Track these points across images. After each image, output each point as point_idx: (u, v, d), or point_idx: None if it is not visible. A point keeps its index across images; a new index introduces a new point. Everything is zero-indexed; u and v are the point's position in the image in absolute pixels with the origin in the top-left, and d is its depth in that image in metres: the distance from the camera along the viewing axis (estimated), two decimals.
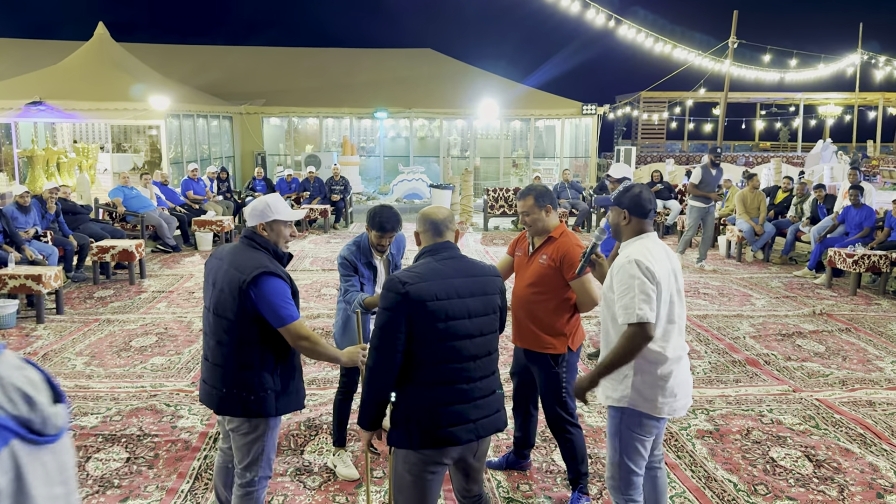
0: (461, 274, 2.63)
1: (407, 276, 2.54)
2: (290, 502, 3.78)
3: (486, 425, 2.64)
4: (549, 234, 3.59)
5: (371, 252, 3.95)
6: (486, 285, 2.68)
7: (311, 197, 13.81)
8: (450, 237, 2.74)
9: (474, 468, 2.76)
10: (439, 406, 2.55)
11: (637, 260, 2.76)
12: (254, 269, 2.83)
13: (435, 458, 2.59)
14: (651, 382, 2.85)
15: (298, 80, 20.87)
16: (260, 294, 2.82)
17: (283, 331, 2.86)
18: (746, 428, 4.76)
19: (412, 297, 2.50)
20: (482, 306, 2.63)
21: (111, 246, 8.79)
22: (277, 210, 3.01)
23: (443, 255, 2.67)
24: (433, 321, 2.52)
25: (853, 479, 4.08)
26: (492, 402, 2.67)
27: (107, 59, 16.41)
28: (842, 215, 9.61)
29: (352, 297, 3.82)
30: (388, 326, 2.52)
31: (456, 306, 2.56)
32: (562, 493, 3.88)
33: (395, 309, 2.51)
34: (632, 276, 2.73)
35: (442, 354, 2.54)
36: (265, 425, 2.97)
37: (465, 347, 2.58)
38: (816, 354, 6.33)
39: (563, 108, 19.56)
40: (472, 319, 2.60)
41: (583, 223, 13.55)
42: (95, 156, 16.66)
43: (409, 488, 2.63)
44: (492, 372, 2.69)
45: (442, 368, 2.55)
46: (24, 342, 6.47)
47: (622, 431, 2.92)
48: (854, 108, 29.28)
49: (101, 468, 4.13)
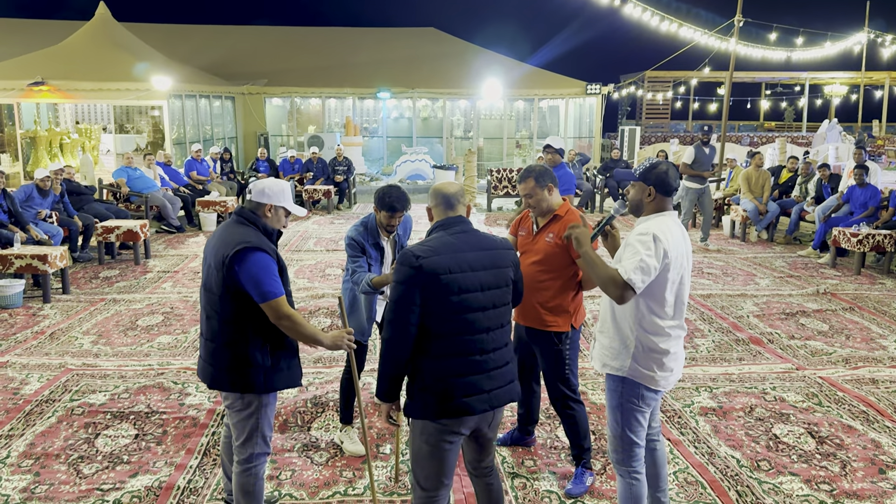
0: (474, 247, 2.65)
1: (420, 250, 2.57)
2: (297, 477, 3.83)
3: (500, 395, 2.68)
4: (555, 213, 3.59)
5: (378, 233, 3.97)
6: (499, 258, 2.70)
7: (314, 178, 13.80)
8: (461, 211, 2.76)
9: (488, 439, 2.81)
10: (454, 377, 2.59)
11: (656, 235, 2.78)
12: (237, 244, 2.83)
13: (451, 428, 2.63)
14: (651, 357, 2.88)
15: (300, 59, 20.75)
16: (243, 268, 2.82)
17: (264, 307, 2.85)
18: (750, 405, 4.79)
19: (425, 271, 2.52)
20: (494, 279, 2.66)
21: (116, 226, 8.81)
22: (289, 200, 3.06)
23: (455, 228, 2.69)
24: (447, 294, 2.55)
25: (855, 455, 4.11)
26: (505, 372, 2.71)
27: (108, 39, 16.32)
28: (846, 195, 9.59)
29: (359, 278, 3.84)
30: (402, 300, 2.55)
31: (469, 279, 2.59)
32: (566, 468, 3.92)
33: (408, 282, 2.53)
34: (646, 245, 2.76)
35: (455, 327, 2.58)
36: (258, 401, 2.98)
37: (478, 320, 2.61)
38: (820, 333, 6.34)
39: (567, 87, 19.44)
40: (485, 292, 2.63)
41: (587, 203, 13.53)
42: (98, 137, 16.66)
43: (427, 458, 2.68)
44: (504, 343, 2.72)
45: (456, 340, 2.58)
46: (31, 321, 6.51)
47: (623, 404, 2.95)
48: (860, 87, 29.07)
49: (111, 444, 4.18)
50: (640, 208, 2.96)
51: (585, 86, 19.12)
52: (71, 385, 5.03)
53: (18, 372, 5.26)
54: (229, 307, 2.89)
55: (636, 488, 2.98)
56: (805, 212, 10.46)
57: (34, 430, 4.33)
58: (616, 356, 2.93)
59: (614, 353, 2.94)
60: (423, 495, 2.73)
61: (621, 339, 2.92)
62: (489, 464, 2.90)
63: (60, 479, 3.78)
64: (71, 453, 4.06)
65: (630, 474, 2.98)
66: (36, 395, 4.84)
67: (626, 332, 2.90)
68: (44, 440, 4.21)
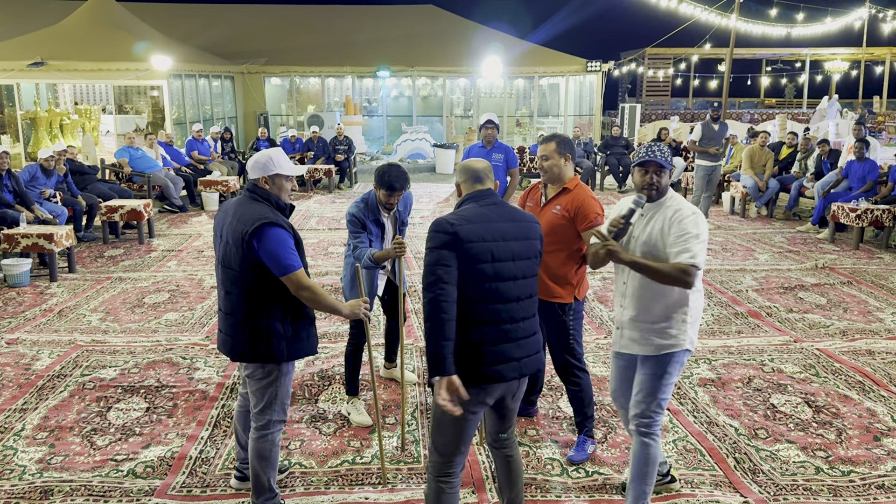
0: (505, 218, 2.72)
1: (454, 218, 2.62)
2: (306, 447, 3.92)
3: (528, 364, 2.74)
4: (564, 186, 3.65)
5: (378, 209, 4.04)
6: (528, 230, 2.77)
7: (314, 157, 13.82)
8: (489, 185, 2.84)
9: (510, 409, 2.86)
10: (485, 345, 2.63)
11: (699, 213, 2.98)
12: (255, 220, 2.92)
13: (478, 398, 2.67)
14: (696, 322, 3.11)
15: (299, 38, 20.64)
16: (262, 244, 2.91)
17: (284, 280, 2.95)
18: (748, 376, 4.88)
19: (461, 237, 2.57)
20: (525, 250, 2.73)
21: (119, 206, 8.86)
22: (280, 164, 3.09)
23: (486, 200, 2.76)
24: (480, 262, 2.60)
25: (851, 424, 4.21)
26: (533, 342, 2.77)
27: (107, 19, 16.24)
28: (845, 170, 9.63)
29: (361, 253, 3.91)
30: (439, 262, 2.55)
31: (501, 248, 2.64)
32: (567, 437, 4.02)
33: (444, 246, 2.57)
34: (698, 225, 2.92)
35: (488, 295, 2.62)
36: (277, 370, 3.10)
37: (509, 289, 2.66)
38: (818, 306, 6.43)
39: (568, 65, 19.37)
40: (517, 262, 2.69)
41: (587, 181, 13.57)
42: (98, 117, 16.65)
43: (449, 426, 2.71)
44: (533, 313, 2.78)
45: (488, 308, 2.63)
46: (39, 299, 6.59)
47: (672, 374, 3.09)
48: (861, 63, 28.95)
49: (123, 417, 4.27)
50: (662, 193, 3.07)
51: (586, 63, 19.04)
52: (81, 361, 5.12)
53: (29, 348, 5.35)
54: (249, 281, 2.99)
55: (656, 448, 3.12)
56: (804, 188, 10.51)
57: (47, 404, 4.43)
58: (673, 334, 3.04)
59: (667, 334, 3.04)
60: (439, 461, 2.78)
61: (667, 315, 3.03)
62: (510, 435, 2.94)
63: (75, 450, 3.88)
64: (84, 426, 4.16)
65: (653, 436, 3.11)
66: (47, 371, 4.93)
67: (674, 306, 3.01)
68: (57, 413, 4.31)
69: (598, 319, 6.05)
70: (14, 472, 3.66)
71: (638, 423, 3.11)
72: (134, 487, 3.53)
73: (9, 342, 5.48)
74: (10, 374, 4.89)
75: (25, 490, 3.50)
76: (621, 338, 3.16)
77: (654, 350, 3.05)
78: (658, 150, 3.05)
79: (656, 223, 3.00)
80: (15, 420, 4.22)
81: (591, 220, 3.55)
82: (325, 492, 3.50)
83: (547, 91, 21.47)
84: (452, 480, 2.79)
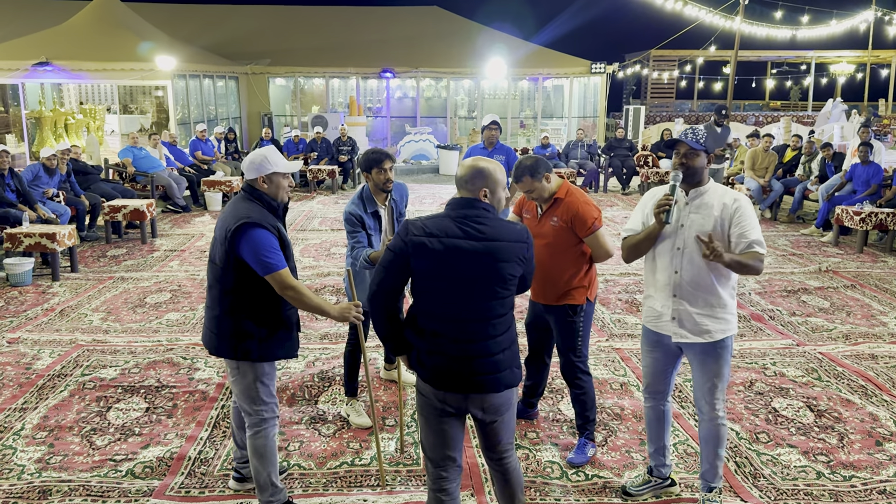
0: (470, 237, 2.56)
1: (414, 227, 2.61)
2: (305, 448, 3.92)
3: (479, 383, 2.61)
4: (555, 196, 3.63)
5: (375, 201, 4.01)
6: (499, 252, 2.57)
7: (318, 158, 13.81)
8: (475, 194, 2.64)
9: (486, 423, 2.72)
10: (433, 354, 2.64)
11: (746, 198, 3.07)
12: (239, 220, 2.95)
13: (437, 397, 2.67)
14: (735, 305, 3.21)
15: (304, 39, 20.67)
16: (244, 243, 2.94)
17: (269, 279, 2.97)
18: (750, 380, 4.86)
19: (411, 247, 2.59)
20: (483, 272, 2.56)
21: (123, 206, 8.87)
22: (275, 163, 3.08)
23: (460, 212, 2.62)
24: (427, 275, 2.60)
25: (853, 428, 4.19)
26: (486, 364, 2.61)
27: (112, 18, 16.29)
28: (849, 172, 9.60)
29: (358, 254, 3.89)
30: (387, 264, 2.65)
31: (452, 268, 2.56)
32: (568, 440, 4.00)
33: (396, 252, 2.62)
34: (752, 213, 3.03)
35: (435, 309, 2.63)
36: (251, 370, 3.11)
37: (455, 309, 2.60)
38: (821, 310, 6.40)
39: (572, 66, 19.35)
40: (467, 283, 2.57)
41: (591, 183, 13.54)
42: (103, 117, 16.66)
43: (424, 428, 2.77)
44: (488, 336, 2.61)
45: (435, 321, 2.64)
46: (40, 299, 6.60)
47: (728, 357, 3.19)
48: (866, 66, 28.86)
49: (122, 417, 4.27)
50: (697, 175, 3.06)
51: (590, 65, 19.02)
52: (82, 360, 5.12)
53: (30, 348, 5.35)
54: (230, 278, 3.01)
55: (726, 429, 3.25)
56: (808, 190, 10.48)
57: (47, 404, 4.43)
58: (730, 319, 3.15)
59: (727, 318, 3.14)
60: (430, 468, 2.77)
61: (719, 302, 3.11)
62: (502, 450, 2.80)
63: (74, 450, 3.88)
64: (84, 426, 4.16)
65: (723, 420, 3.22)
66: (48, 370, 4.93)
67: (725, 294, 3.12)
68: (57, 413, 4.31)
69: (599, 322, 6.04)
70: (13, 471, 3.66)
71: (712, 416, 3.20)
72: (132, 488, 3.52)
73: (10, 341, 5.49)
74: (11, 373, 4.89)
75: (24, 490, 3.49)
76: (679, 327, 3.15)
77: (711, 336, 3.11)
78: (691, 132, 3.07)
79: (707, 210, 3.04)
80: (14, 419, 4.23)
81: (590, 225, 3.54)
82: (324, 493, 3.49)
83: (551, 93, 21.45)
84: (449, 488, 2.76)
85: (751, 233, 2.98)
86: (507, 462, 2.84)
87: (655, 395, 3.37)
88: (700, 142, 3.02)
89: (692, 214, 3.07)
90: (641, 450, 3.92)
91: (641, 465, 3.76)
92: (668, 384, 3.36)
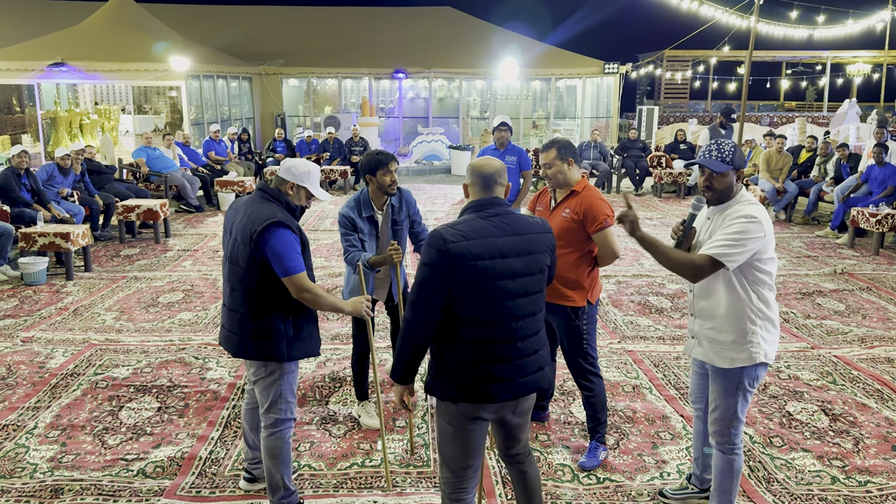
0: (506, 232, 2.54)
1: (450, 234, 2.47)
2: (316, 448, 3.91)
3: (524, 384, 2.59)
4: (572, 189, 3.62)
5: (372, 206, 3.98)
6: (533, 244, 2.59)
7: (330, 158, 13.84)
8: (499, 192, 2.64)
9: (514, 425, 2.72)
10: (478, 364, 2.51)
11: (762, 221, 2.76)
12: (265, 220, 2.95)
13: (473, 413, 2.56)
14: (772, 331, 2.92)
15: (317, 40, 20.73)
16: (269, 244, 2.94)
17: (286, 281, 2.97)
18: (764, 383, 4.81)
19: (453, 255, 2.43)
20: (527, 266, 2.56)
21: (136, 205, 8.92)
22: (313, 182, 3.15)
23: (488, 211, 2.57)
24: (475, 281, 2.46)
25: (868, 433, 4.13)
26: (534, 361, 2.61)
27: (126, 19, 16.40)
28: (865, 174, 9.50)
29: (353, 258, 3.85)
30: (427, 283, 2.48)
31: (499, 266, 2.49)
32: (579, 443, 3.98)
33: (435, 266, 2.46)
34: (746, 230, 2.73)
35: (483, 314, 2.49)
36: (280, 369, 3.12)
37: (507, 308, 2.51)
38: (836, 313, 6.33)
39: (585, 66, 19.29)
40: (516, 280, 2.52)
41: (603, 184, 13.49)
42: (117, 117, 16.78)
43: (450, 438, 2.63)
44: (535, 331, 2.62)
45: (483, 328, 2.50)
46: (54, 298, 6.65)
47: (745, 388, 2.94)
48: (883, 66, 28.59)
49: (134, 416, 4.29)
50: (725, 196, 2.85)
51: (603, 65, 18.95)
52: (95, 359, 5.15)
53: (44, 347, 5.39)
54: (255, 280, 3.01)
55: (739, 461, 3.05)
56: (823, 192, 10.38)
57: (60, 403, 4.45)
58: (742, 348, 2.88)
59: (739, 347, 2.88)
60: (449, 477, 2.68)
61: (739, 329, 2.87)
62: (520, 450, 2.80)
63: (86, 449, 3.90)
64: (96, 425, 4.18)
65: (734, 451, 3.03)
66: (61, 369, 4.96)
67: (745, 319, 2.86)
68: (69, 412, 4.33)
69: (611, 324, 6.00)
70: (25, 470, 3.68)
71: (717, 441, 3.04)
72: (143, 487, 3.53)
73: (24, 340, 5.53)
74: (25, 372, 4.92)
75: (36, 488, 3.51)
76: (698, 345, 3.04)
77: (726, 363, 2.91)
78: (716, 149, 2.84)
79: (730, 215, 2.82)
80: (28, 418, 4.25)
81: (601, 221, 3.51)
82: (334, 494, 3.48)
83: (564, 93, 21.38)
84: (466, 497, 2.70)
85: (722, 241, 2.74)
86: (526, 459, 2.84)
87: (697, 409, 3.29)
88: (726, 160, 2.81)
89: (709, 229, 2.91)
90: (654, 453, 3.89)
91: (654, 469, 3.73)
92: (705, 399, 3.21)
